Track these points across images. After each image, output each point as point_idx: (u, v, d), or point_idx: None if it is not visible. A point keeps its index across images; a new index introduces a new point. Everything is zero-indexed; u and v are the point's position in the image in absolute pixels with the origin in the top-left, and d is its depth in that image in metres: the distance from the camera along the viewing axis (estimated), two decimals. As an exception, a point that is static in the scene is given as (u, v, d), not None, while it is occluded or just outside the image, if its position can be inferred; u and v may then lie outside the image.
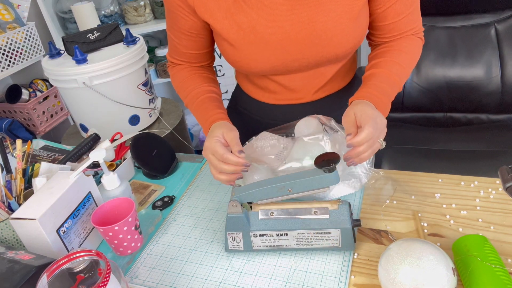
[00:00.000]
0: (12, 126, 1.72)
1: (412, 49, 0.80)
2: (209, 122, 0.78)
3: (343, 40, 0.77)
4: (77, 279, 0.52)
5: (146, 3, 2.09)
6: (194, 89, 0.85)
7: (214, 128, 0.74)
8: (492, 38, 1.40)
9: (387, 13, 0.77)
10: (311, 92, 0.88)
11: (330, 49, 0.78)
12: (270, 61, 0.79)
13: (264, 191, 0.64)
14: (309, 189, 0.63)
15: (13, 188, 0.75)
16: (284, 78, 0.86)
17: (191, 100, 0.85)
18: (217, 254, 0.69)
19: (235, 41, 0.78)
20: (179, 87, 0.89)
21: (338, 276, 0.61)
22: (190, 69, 0.90)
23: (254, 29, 0.76)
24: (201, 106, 0.82)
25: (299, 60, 0.80)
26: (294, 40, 0.76)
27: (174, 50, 0.89)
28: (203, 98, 0.83)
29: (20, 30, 1.70)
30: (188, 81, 0.87)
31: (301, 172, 0.63)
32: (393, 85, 0.75)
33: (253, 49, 0.78)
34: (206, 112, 0.80)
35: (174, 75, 0.91)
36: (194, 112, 0.84)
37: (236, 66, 0.85)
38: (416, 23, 0.80)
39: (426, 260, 0.52)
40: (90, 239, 0.74)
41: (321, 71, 0.85)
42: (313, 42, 0.76)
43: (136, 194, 0.89)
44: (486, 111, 1.47)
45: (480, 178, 0.78)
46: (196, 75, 0.88)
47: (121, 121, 1.43)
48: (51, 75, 1.35)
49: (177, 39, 0.86)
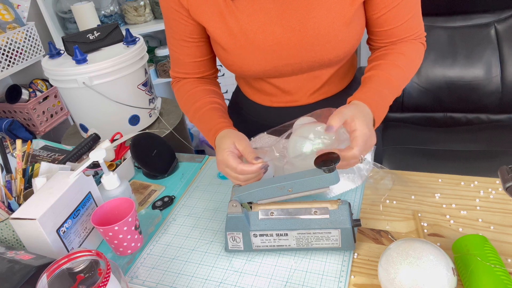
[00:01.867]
0: (12, 126, 1.72)
1: (413, 54, 0.78)
2: (214, 131, 0.75)
3: (336, 45, 0.76)
4: (77, 279, 0.52)
5: (146, 3, 2.09)
6: (197, 101, 0.83)
7: (222, 138, 0.72)
8: (492, 38, 1.40)
9: (383, 19, 0.76)
10: (306, 94, 0.88)
11: (322, 54, 0.77)
12: (261, 65, 0.79)
13: (264, 191, 0.64)
14: (309, 189, 0.63)
15: (13, 188, 0.75)
16: (279, 81, 0.85)
17: (194, 112, 0.83)
18: (217, 254, 0.69)
19: (227, 45, 0.78)
20: (182, 101, 0.87)
21: (338, 276, 0.61)
22: (193, 82, 0.88)
23: (244, 34, 0.76)
24: (204, 116, 0.80)
25: (292, 64, 0.79)
26: (286, 45, 0.76)
27: (177, 63, 0.88)
28: (206, 109, 0.81)
29: (20, 30, 1.70)
30: (191, 95, 0.85)
31: (301, 172, 0.63)
32: (392, 90, 0.74)
33: (244, 53, 0.78)
34: (210, 121, 0.78)
35: (178, 90, 0.89)
36: (198, 124, 0.82)
37: (230, 70, 0.85)
38: (416, 29, 0.78)
39: (426, 260, 0.52)
40: (90, 239, 0.74)
41: (316, 74, 0.85)
42: (304, 47, 0.76)
43: (136, 194, 0.89)
44: (486, 111, 1.47)
45: (480, 178, 0.78)
46: (200, 88, 0.86)
47: (121, 121, 1.43)
48: (51, 75, 1.35)
49: (178, 50, 0.85)
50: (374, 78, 0.74)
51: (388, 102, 0.73)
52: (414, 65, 0.79)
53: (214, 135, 0.75)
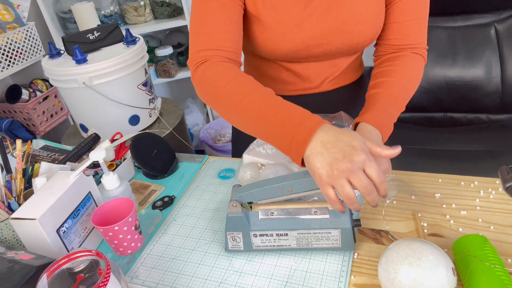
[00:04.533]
0: (12, 126, 1.72)
1: (416, 70, 0.79)
2: (314, 121, 0.57)
3: (366, 28, 0.78)
4: (77, 279, 0.52)
5: (146, 3, 2.09)
6: (259, 88, 0.66)
7: (343, 133, 0.55)
8: (492, 38, 1.40)
9: (392, 9, 0.78)
10: (325, 82, 0.90)
11: (352, 36, 0.79)
12: (295, 42, 0.79)
13: (264, 191, 0.64)
14: (309, 189, 0.63)
15: (13, 188, 0.75)
16: (299, 66, 0.87)
17: (257, 99, 0.64)
18: (217, 254, 0.69)
19: (267, 18, 0.77)
20: (223, 85, 0.67)
21: (338, 276, 0.61)
22: (231, 64, 0.72)
23: (287, 9, 0.77)
24: (281, 105, 0.62)
25: (322, 45, 0.80)
26: (321, 23, 0.77)
27: (208, 35, 0.72)
28: (280, 98, 0.64)
29: (20, 30, 1.70)
30: (246, 78, 0.68)
31: (301, 172, 0.63)
32: (398, 108, 0.75)
33: (282, 28, 0.78)
34: (298, 111, 0.60)
35: (209, 71, 0.70)
36: (269, 114, 0.61)
37: (260, 47, 0.81)
38: (419, 35, 0.80)
39: (426, 260, 0.52)
40: (90, 239, 0.74)
41: (336, 62, 0.87)
42: (338, 27, 0.78)
43: (136, 194, 0.89)
44: (486, 111, 1.47)
45: (480, 178, 0.78)
46: (245, 76, 0.69)
47: (121, 121, 1.43)
48: (51, 75, 1.35)
49: (214, 14, 0.72)
50: (382, 97, 0.74)
51: (394, 121, 0.74)
52: (417, 82, 0.80)
53: (315, 126, 0.56)
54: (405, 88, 0.76)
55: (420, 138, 1.41)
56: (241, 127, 0.68)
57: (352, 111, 0.83)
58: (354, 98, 0.95)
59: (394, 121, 0.74)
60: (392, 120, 0.73)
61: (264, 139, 0.64)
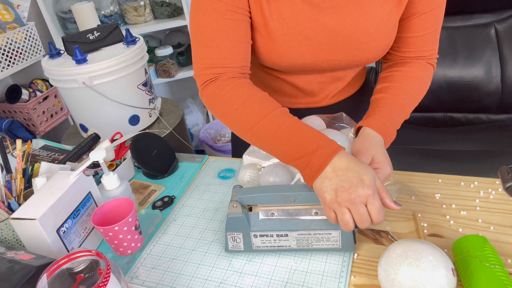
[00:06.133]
0: (12, 126, 1.72)
1: (425, 79, 0.77)
2: (331, 148, 0.58)
3: (379, 45, 0.75)
4: (77, 279, 0.52)
5: (146, 3, 2.09)
6: (274, 109, 0.65)
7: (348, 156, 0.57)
8: (492, 38, 1.40)
9: (409, 24, 0.75)
10: (328, 96, 0.88)
11: (364, 53, 0.75)
12: (304, 56, 0.75)
13: (267, 197, 0.63)
14: (311, 203, 0.63)
15: (13, 188, 0.75)
16: (303, 80, 0.84)
17: (272, 121, 0.64)
18: (217, 255, 0.69)
19: (274, 30, 0.72)
20: (233, 108, 0.67)
21: (338, 277, 0.61)
22: (243, 81, 0.70)
23: (296, 20, 0.71)
24: (297, 127, 0.62)
25: (332, 60, 0.77)
26: (334, 39, 0.73)
27: (214, 50, 0.69)
28: (295, 120, 0.64)
29: (20, 30, 1.70)
30: (259, 98, 0.67)
31: (306, 185, 0.63)
32: (403, 115, 0.74)
33: (290, 41, 0.73)
34: (314, 136, 0.61)
35: (219, 91, 0.68)
36: (283, 137, 0.62)
37: (265, 58, 0.77)
38: (433, 46, 0.78)
39: (425, 260, 0.52)
40: (90, 239, 0.74)
41: (340, 74, 0.84)
42: (351, 44, 0.74)
43: (136, 194, 0.89)
44: (486, 111, 1.47)
45: (480, 178, 0.78)
46: (259, 94, 0.68)
47: (121, 121, 1.43)
48: (51, 75, 1.35)
49: (219, 29, 0.69)
50: (387, 102, 0.73)
51: (397, 127, 0.73)
52: (424, 90, 0.78)
53: (332, 153, 0.57)
54: (412, 96, 0.74)
55: (420, 138, 1.41)
56: (255, 146, 0.69)
57: (356, 117, 0.80)
58: (358, 104, 0.93)
59: (398, 127, 0.72)
60: (396, 126, 0.72)
61: (278, 158, 0.65)
